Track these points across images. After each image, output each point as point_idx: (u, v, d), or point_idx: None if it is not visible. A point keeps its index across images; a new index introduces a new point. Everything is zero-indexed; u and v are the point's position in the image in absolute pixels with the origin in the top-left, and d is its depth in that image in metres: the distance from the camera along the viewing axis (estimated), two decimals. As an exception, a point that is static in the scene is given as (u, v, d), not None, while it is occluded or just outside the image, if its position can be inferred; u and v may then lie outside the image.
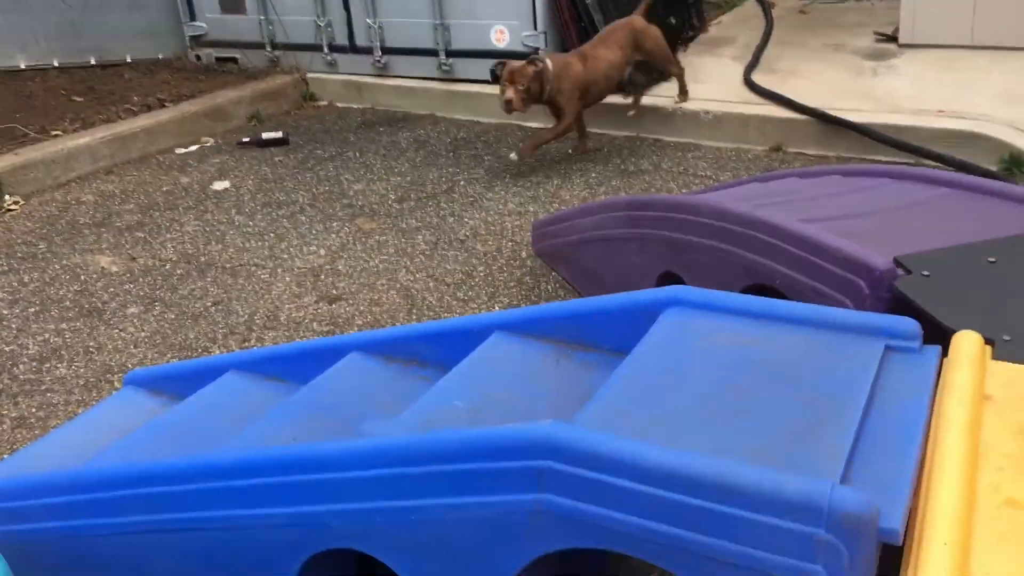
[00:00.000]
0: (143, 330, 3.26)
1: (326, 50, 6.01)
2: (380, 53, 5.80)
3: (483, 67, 5.30)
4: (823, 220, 2.18)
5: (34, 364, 3.07)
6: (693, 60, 5.52)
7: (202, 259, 3.81)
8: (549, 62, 4.31)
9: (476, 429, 1.53)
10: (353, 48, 5.92)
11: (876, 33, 5.61)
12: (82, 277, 3.70)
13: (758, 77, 5.04)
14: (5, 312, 3.43)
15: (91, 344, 3.18)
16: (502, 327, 2.08)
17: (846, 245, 1.90)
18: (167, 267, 3.76)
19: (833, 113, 4.37)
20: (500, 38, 5.39)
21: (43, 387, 2.93)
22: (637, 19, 4.68)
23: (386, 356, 2.27)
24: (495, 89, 5.24)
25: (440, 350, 2.18)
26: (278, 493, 1.69)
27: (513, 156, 4.50)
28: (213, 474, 1.77)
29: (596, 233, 3.08)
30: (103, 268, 3.77)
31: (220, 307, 3.40)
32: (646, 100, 4.91)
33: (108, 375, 2.98)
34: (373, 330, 2.72)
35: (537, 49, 5.28)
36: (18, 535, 2.06)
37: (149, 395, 2.64)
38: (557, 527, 1.42)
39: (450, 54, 5.59)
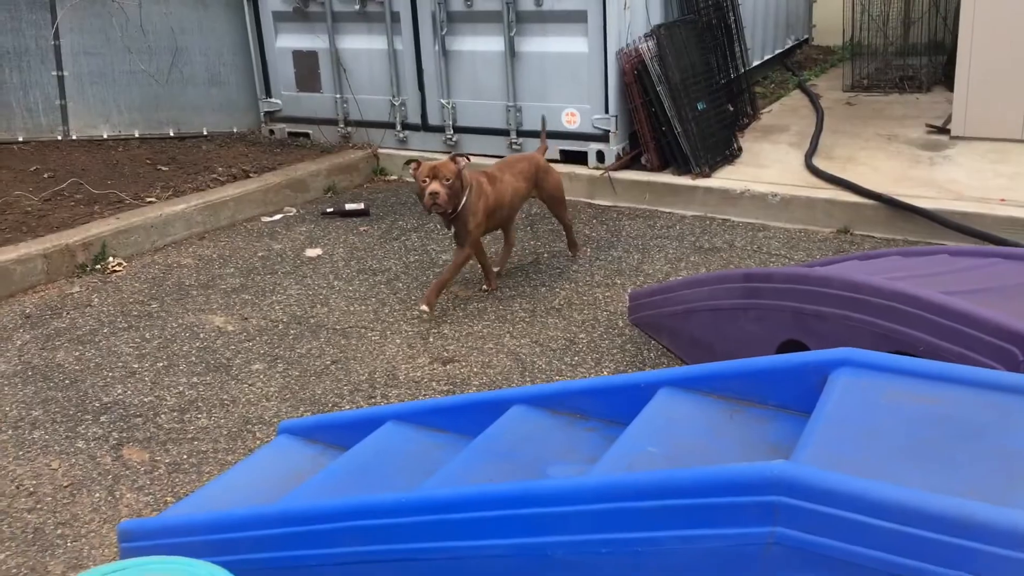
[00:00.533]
0: (271, 385, 3.44)
1: (399, 127, 6.32)
2: (452, 131, 6.10)
3: (552, 147, 5.61)
4: (957, 293, 2.39)
5: (175, 414, 3.24)
6: (752, 146, 5.82)
7: (311, 320, 4.01)
8: (467, 174, 4.00)
9: (709, 467, 1.70)
10: (425, 126, 6.23)
11: (928, 125, 5.93)
12: (200, 335, 3.89)
13: (818, 163, 5.32)
14: (135, 366, 3.61)
15: (224, 397, 3.36)
16: (669, 383, 2.27)
17: (997, 315, 2.10)
18: (280, 327, 3.95)
19: (897, 199, 4.63)
20: (571, 120, 5.69)
21: (188, 436, 3.10)
22: (540, 157, 4.52)
23: (549, 409, 2.45)
24: (562, 168, 5.55)
25: (604, 404, 2.37)
26: (499, 526, 1.86)
27: (423, 308, 3.95)
28: (433, 508, 1.94)
29: (707, 303, 3.29)
30: (219, 327, 3.97)
31: (339, 365, 3.59)
32: (714, 182, 5.18)
33: (248, 426, 3.15)
34: (532, 385, 2.90)
35: (608, 132, 5.59)
36: (229, 566, 2.21)
37: (305, 443, 2.81)
38: (789, 559, 1.58)
39: (521, 134, 5.88)
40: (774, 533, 1.58)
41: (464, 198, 3.91)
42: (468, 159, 4.00)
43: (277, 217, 5.51)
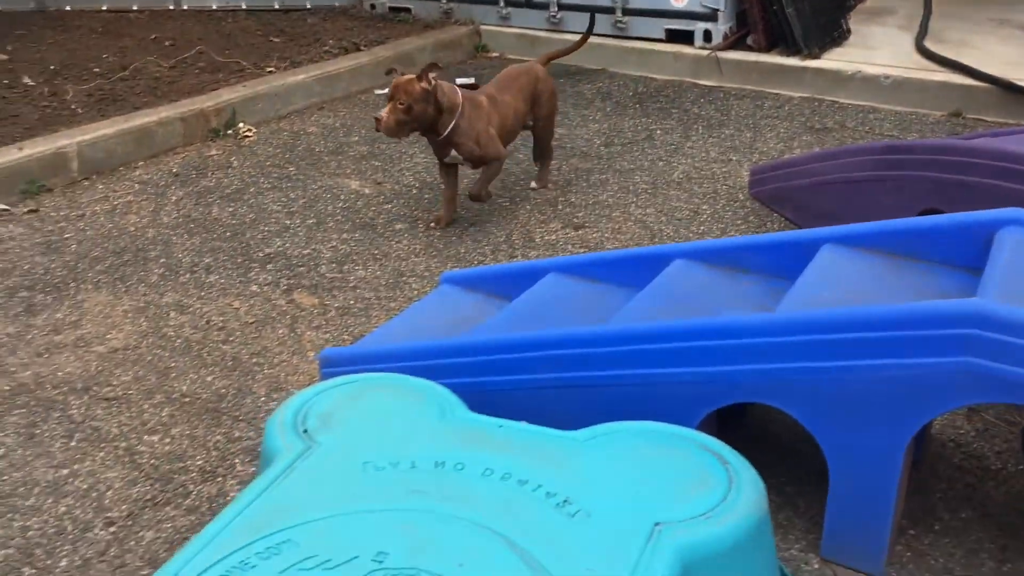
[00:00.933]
0: (416, 243, 3.67)
1: (501, 4, 6.36)
2: (556, 9, 6.13)
3: (658, 26, 5.64)
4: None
5: (334, 266, 3.50)
6: (860, 29, 5.79)
7: (442, 186, 4.21)
8: (457, 93, 3.59)
9: (904, 304, 1.89)
10: (528, 2, 6.26)
11: (1042, 9, 5.83)
12: (341, 197, 4.12)
13: (929, 47, 5.29)
14: (287, 222, 3.87)
15: (375, 252, 3.60)
16: (832, 240, 2.44)
17: None
18: (413, 192, 4.17)
19: (1014, 83, 4.64)
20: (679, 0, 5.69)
21: (350, 284, 3.36)
22: (540, 68, 4.01)
23: (709, 264, 2.64)
24: (668, 47, 5.58)
25: (765, 259, 2.55)
26: (693, 356, 2.08)
27: (438, 218, 3.83)
28: (630, 339, 2.16)
29: (840, 176, 3.42)
30: (355, 190, 4.20)
31: (476, 228, 3.81)
32: (824, 64, 5.20)
33: (403, 278, 3.40)
34: (691, 241, 3.09)
35: (716, 11, 5.59)
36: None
37: (467, 292, 3.05)
38: (978, 385, 1.78)
39: (626, 12, 5.90)
40: (966, 363, 1.77)
41: (452, 122, 3.53)
42: (438, 72, 3.48)
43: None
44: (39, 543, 2.15)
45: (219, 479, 2.37)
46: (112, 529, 2.19)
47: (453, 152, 3.66)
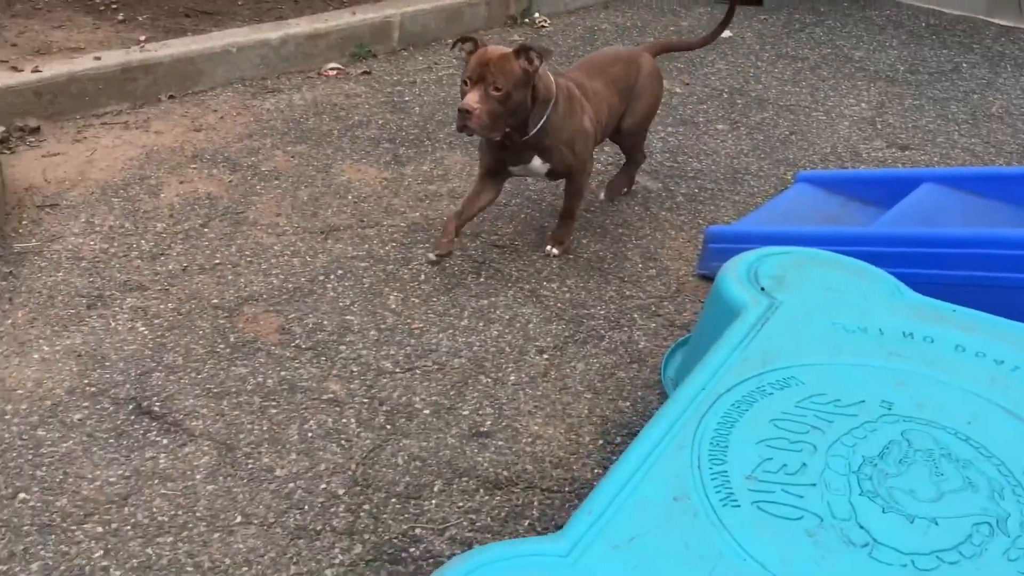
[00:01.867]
0: (742, 144, 3.74)
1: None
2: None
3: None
4: None
5: (667, 155, 3.61)
6: None
7: (752, 93, 4.24)
8: (551, 78, 2.67)
9: None
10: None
11: None
12: (654, 92, 4.21)
13: None
14: (610, 110, 3.99)
15: (703, 147, 3.69)
16: None
17: None
18: (724, 96, 4.21)
19: None
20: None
21: (688, 175, 3.46)
22: (648, 57, 3.09)
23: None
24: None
25: None
26: None
27: (552, 249, 2.88)
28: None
29: None
30: (666, 88, 4.26)
31: (798, 136, 3.83)
32: None
33: (738, 174, 3.48)
34: None
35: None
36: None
37: (827, 192, 3.11)
38: None
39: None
40: None
41: (543, 117, 2.62)
42: (550, 56, 2.56)
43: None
44: (484, 358, 2.38)
45: (625, 328, 2.54)
46: (545, 356, 2.40)
47: (534, 161, 2.71)
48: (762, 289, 2.11)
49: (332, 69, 4.24)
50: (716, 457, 1.58)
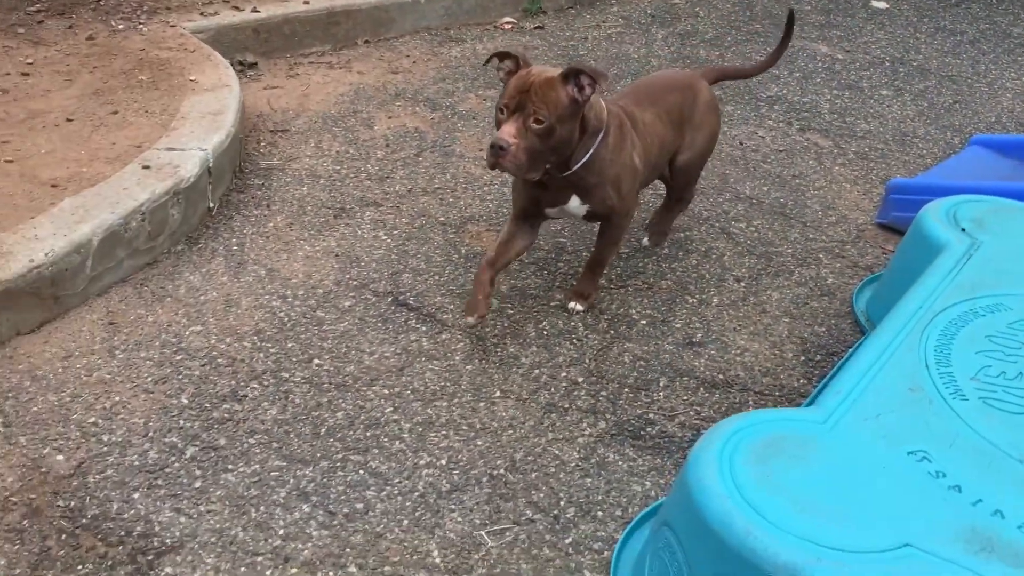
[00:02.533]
0: (906, 109, 3.89)
1: None
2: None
3: None
4: None
5: (835, 116, 3.78)
6: None
7: (913, 63, 4.36)
8: (603, 107, 2.26)
9: None
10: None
11: None
12: (817, 57, 4.36)
13: None
14: (775, 72, 4.16)
15: (870, 112, 3.84)
16: None
17: None
18: (886, 65, 4.35)
19: None
20: None
21: (857, 134, 3.63)
22: (704, 84, 2.66)
23: None
24: None
25: None
26: None
27: (574, 306, 2.46)
28: None
29: None
30: (827, 54, 4.42)
31: (961, 105, 3.95)
32: None
33: (906, 138, 3.62)
34: None
35: None
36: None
37: (999, 156, 3.25)
38: None
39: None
40: None
41: (590, 151, 2.21)
42: (605, 80, 2.07)
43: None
44: (688, 281, 2.63)
45: (812, 265, 2.75)
46: (742, 284, 2.63)
47: (571, 201, 2.29)
48: (963, 230, 2.30)
49: (507, 23, 4.51)
50: (941, 361, 1.80)
